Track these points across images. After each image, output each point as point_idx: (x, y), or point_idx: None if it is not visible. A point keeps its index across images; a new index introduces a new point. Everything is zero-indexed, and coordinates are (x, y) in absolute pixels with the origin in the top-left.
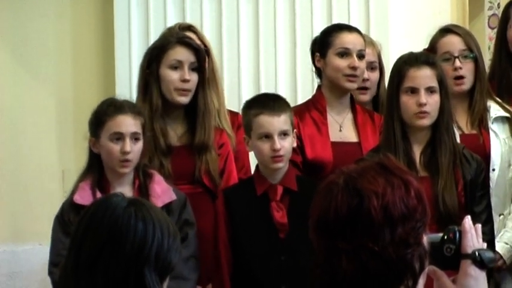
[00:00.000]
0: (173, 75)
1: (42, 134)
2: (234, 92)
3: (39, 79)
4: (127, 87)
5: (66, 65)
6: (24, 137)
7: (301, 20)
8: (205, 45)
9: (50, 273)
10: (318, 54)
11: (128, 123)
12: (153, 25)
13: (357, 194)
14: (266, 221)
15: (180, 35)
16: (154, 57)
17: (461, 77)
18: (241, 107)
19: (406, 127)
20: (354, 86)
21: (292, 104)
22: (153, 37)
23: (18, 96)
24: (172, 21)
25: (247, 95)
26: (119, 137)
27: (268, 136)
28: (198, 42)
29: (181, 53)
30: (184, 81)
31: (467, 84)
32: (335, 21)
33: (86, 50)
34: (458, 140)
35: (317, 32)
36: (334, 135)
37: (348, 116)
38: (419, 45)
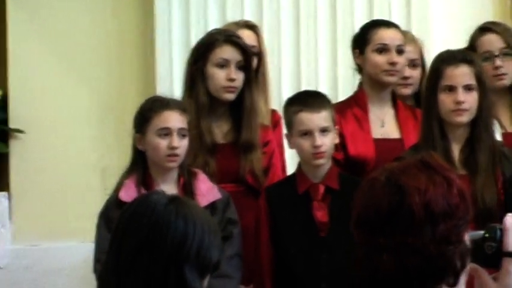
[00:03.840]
0: (220, 74)
1: (83, 131)
2: (275, 89)
3: (81, 77)
4: (168, 85)
5: (108, 63)
6: (66, 134)
7: (342, 16)
8: (260, 47)
9: (95, 270)
10: (357, 50)
11: (175, 119)
12: (194, 22)
13: (399, 191)
14: (307, 220)
15: (227, 33)
16: (201, 55)
17: (502, 74)
18: (282, 104)
19: (445, 125)
20: (394, 79)
21: (333, 101)
22: (194, 34)
23: (60, 93)
24: (213, 18)
25: (288, 92)
26: (166, 132)
27: (308, 133)
28: (253, 42)
29: (228, 52)
30: (231, 80)
31: (508, 80)
32: (376, 18)
33: (127, 47)
34: (500, 138)
35: (358, 29)
36: (376, 132)
37: (390, 112)
38: (461, 41)
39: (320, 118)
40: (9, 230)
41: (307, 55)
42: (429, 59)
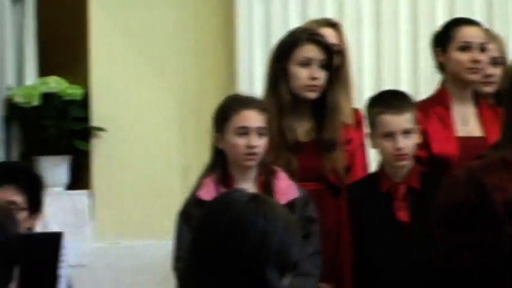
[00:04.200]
0: (302, 73)
1: (164, 130)
2: (355, 87)
3: (162, 75)
4: (248, 83)
5: (189, 61)
6: (147, 132)
7: (423, 14)
8: (342, 44)
9: (175, 268)
10: (439, 49)
11: (254, 118)
12: (274, 20)
13: (480, 189)
14: (389, 219)
15: (310, 32)
16: (283, 53)
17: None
18: (363, 103)
19: None
20: (477, 77)
21: (414, 99)
22: (275, 32)
23: (141, 91)
24: (294, 15)
25: (369, 90)
26: (244, 131)
27: (391, 135)
28: (335, 40)
29: (311, 51)
30: (313, 78)
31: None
32: (457, 16)
33: (207, 45)
34: None
35: (439, 27)
36: (459, 130)
37: (472, 111)
38: None
39: (403, 120)
40: (91, 228)
41: (388, 53)
42: (511, 56)
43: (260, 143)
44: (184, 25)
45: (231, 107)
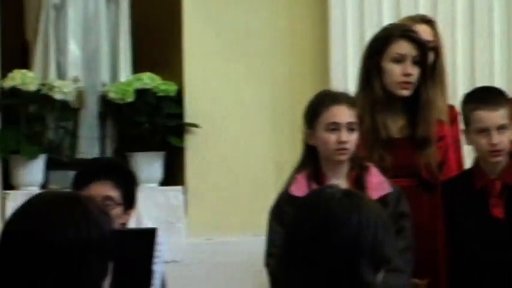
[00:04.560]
0: (395, 69)
1: (257, 126)
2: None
3: (255, 71)
4: (342, 79)
5: (282, 57)
6: (240, 129)
7: None
8: (436, 41)
9: (267, 264)
10: None
11: (344, 114)
12: (368, 16)
13: None
14: (483, 216)
15: (404, 28)
16: (377, 49)
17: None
18: (457, 100)
19: None
20: None
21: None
22: (368, 29)
23: (235, 88)
24: (387, 11)
25: (463, 86)
26: (334, 127)
27: (485, 130)
28: (429, 36)
29: (404, 47)
30: (406, 75)
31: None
32: None
33: (300, 42)
34: None
35: None
36: None
37: None
38: None
39: (497, 116)
40: (185, 224)
41: (482, 49)
42: None
43: (350, 138)
44: (277, 21)
45: (321, 103)
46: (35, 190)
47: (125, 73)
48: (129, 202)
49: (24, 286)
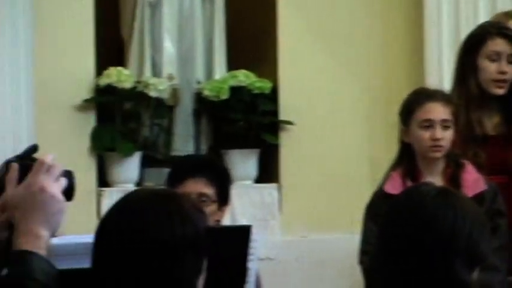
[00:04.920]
0: (491, 67)
1: (351, 123)
2: None
3: (349, 69)
4: (437, 77)
5: (376, 54)
6: (335, 126)
7: None
8: None
9: (361, 262)
10: None
11: (438, 111)
12: (463, 13)
13: None
14: None
15: (499, 26)
16: (472, 47)
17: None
18: None
19: None
20: None
21: None
22: (464, 26)
23: (329, 85)
24: (483, 6)
25: None
26: (429, 124)
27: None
28: None
29: (499, 45)
30: (502, 73)
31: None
32: None
33: (395, 39)
34: None
35: None
36: None
37: None
38: None
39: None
40: (279, 222)
41: None
42: None
43: (445, 135)
44: (371, 19)
45: (415, 100)
46: (130, 187)
47: (220, 70)
48: (223, 199)
49: (119, 283)
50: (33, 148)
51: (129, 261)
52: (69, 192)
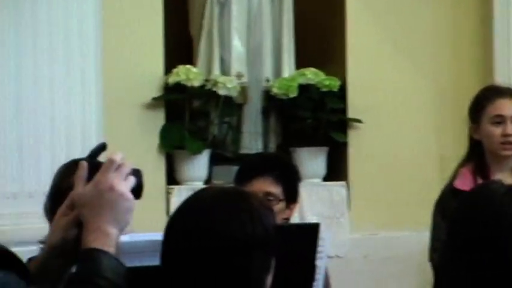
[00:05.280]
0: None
1: (420, 120)
2: None
3: (417, 66)
4: (506, 74)
5: (445, 52)
6: (403, 124)
7: None
8: None
9: (431, 259)
10: None
11: (509, 107)
12: None
13: None
14: None
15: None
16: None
17: None
18: None
19: None
20: None
21: None
22: None
23: (397, 82)
24: None
25: None
26: (499, 120)
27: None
28: None
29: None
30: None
31: None
32: None
33: (464, 37)
34: None
35: None
36: None
37: None
38: None
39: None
40: (348, 219)
41: None
42: None
43: None
44: (440, 16)
45: (485, 97)
46: (199, 185)
47: (288, 68)
48: (291, 197)
49: (188, 281)
50: (102, 146)
51: (199, 259)
52: (137, 191)
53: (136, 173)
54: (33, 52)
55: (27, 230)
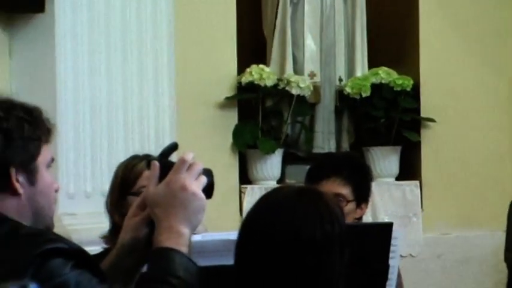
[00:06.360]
0: None
1: (493, 120)
2: None
3: (491, 65)
4: None
5: None
6: (477, 123)
7: None
8: None
9: (506, 259)
10: None
11: None
12: None
13: None
14: None
15: None
16: None
17: None
18: None
19: None
20: None
21: None
22: None
23: (471, 82)
24: None
25: None
26: None
27: None
28: None
29: None
30: None
31: None
32: None
33: None
34: None
35: None
36: None
37: None
38: None
39: None
40: (421, 219)
41: None
42: None
43: None
44: (491, 14)
45: None
46: (272, 185)
47: (361, 67)
48: (362, 197)
49: (264, 281)
50: (174, 146)
51: (276, 259)
52: (209, 190)
53: (208, 172)
54: (106, 52)
55: (100, 230)
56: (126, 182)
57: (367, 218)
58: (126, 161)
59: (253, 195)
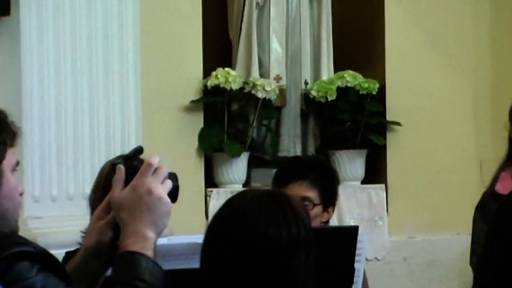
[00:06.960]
0: None
1: (458, 124)
2: None
3: (456, 69)
4: None
5: (484, 55)
6: (442, 127)
7: None
8: None
9: (471, 263)
10: None
11: None
12: None
13: None
14: None
15: None
16: None
17: None
18: None
19: None
20: None
21: None
22: None
23: (435, 85)
24: None
25: None
26: None
27: None
28: None
29: None
30: None
31: None
32: None
33: (503, 38)
34: None
35: None
36: None
37: None
38: None
39: None
40: (387, 222)
41: None
42: None
43: None
44: (479, 18)
45: None
46: (238, 188)
47: (327, 71)
48: (328, 201)
49: (229, 283)
50: (139, 150)
51: (242, 261)
52: (174, 194)
53: (173, 176)
54: (72, 55)
55: (67, 233)
56: (110, 181)
57: (333, 222)
58: (111, 160)
59: (219, 198)
